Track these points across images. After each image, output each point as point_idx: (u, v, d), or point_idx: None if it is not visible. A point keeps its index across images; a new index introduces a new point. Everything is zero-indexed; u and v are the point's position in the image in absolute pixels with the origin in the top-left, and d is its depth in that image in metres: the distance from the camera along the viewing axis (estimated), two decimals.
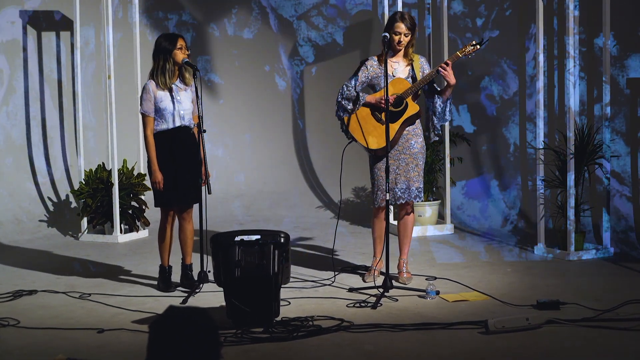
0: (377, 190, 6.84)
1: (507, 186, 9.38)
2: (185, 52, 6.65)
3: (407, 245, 6.99)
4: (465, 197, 9.57)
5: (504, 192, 9.39)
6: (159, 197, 6.74)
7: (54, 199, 9.37)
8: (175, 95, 6.65)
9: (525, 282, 6.87)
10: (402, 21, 6.73)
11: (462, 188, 9.60)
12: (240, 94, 10.51)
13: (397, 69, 6.80)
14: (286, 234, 5.85)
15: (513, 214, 9.21)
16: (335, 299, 6.41)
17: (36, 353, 5.31)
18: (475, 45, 6.71)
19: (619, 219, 8.39)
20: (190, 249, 6.91)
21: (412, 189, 6.82)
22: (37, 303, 6.42)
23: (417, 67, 6.81)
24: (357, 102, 6.78)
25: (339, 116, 6.86)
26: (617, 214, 8.39)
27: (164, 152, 6.67)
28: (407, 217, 6.95)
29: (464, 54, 6.72)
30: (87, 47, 9.46)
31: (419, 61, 6.84)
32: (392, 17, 6.80)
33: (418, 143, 6.85)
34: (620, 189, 8.51)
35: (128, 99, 9.16)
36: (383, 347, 5.32)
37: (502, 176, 9.45)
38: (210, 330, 3.04)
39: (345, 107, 6.81)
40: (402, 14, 6.81)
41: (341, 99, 6.81)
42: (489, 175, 9.54)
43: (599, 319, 5.72)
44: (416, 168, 6.83)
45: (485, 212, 9.36)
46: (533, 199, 8.57)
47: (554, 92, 8.91)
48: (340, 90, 6.82)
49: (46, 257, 8.07)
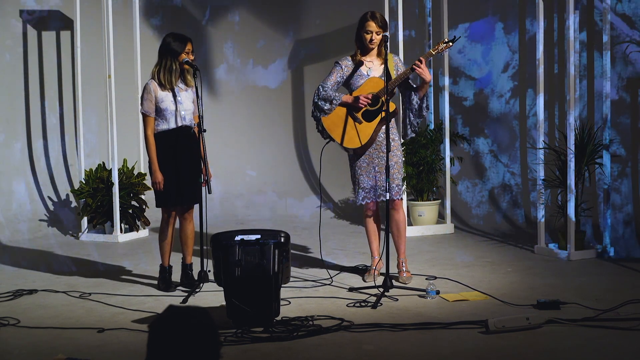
0: (358, 189, 6.89)
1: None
2: (190, 56, 6.67)
3: (403, 244, 6.99)
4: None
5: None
6: (160, 198, 6.74)
7: (54, 199, 9.37)
8: (176, 96, 6.65)
9: (525, 282, 6.87)
10: (373, 20, 6.77)
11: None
12: (240, 93, 10.50)
13: (371, 67, 6.85)
14: (286, 234, 5.85)
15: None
16: (335, 298, 6.41)
17: (36, 352, 5.31)
18: (447, 42, 6.77)
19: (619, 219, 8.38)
20: (190, 248, 6.91)
21: (392, 185, 6.83)
22: (37, 302, 6.42)
23: (391, 65, 6.82)
24: (333, 102, 6.82)
25: (316, 117, 6.93)
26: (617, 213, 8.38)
27: (165, 152, 6.67)
28: (397, 216, 6.95)
29: (436, 51, 6.78)
30: (87, 47, 9.45)
31: (392, 59, 6.86)
32: (363, 17, 6.84)
33: (395, 141, 6.87)
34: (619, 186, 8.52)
35: (128, 98, 9.16)
36: (383, 347, 5.32)
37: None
38: (210, 329, 3.04)
39: (322, 107, 6.86)
40: (373, 13, 6.84)
41: (317, 99, 6.87)
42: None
43: (599, 319, 5.72)
44: (395, 165, 6.85)
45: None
46: (533, 199, 8.57)
47: (554, 91, 8.91)
48: (317, 91, 6.88)
49: (46, 257, 8.08)
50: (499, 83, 9.46)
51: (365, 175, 6.87)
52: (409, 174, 8.76)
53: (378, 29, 6.75)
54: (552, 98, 8.91)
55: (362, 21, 6.82)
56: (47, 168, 9.46)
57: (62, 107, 9.55)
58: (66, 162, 9.56)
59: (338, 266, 7.44)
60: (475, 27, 9.59)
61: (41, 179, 9.38)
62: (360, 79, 6.83)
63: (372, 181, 6.87)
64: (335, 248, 8.18)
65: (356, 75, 6.84)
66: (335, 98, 6.82)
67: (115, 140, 8.81)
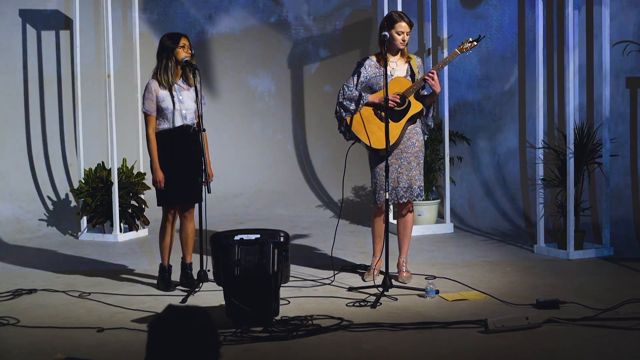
0: (379, 190, 6.84)
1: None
2: (189, 51, 6.64)
3: (407, 244, 7.00)
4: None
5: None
6: (161, 196, 6.74)
7: (54, 198, 9.37)
8: (177, 95, 6.65)
9: (525, 282, 6.87)
10: (402, 20, 6.73)
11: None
12: (240, 93, 10.50)
13: (395, 68, 6.81)
14: (286, 233, 5.85)
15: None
16: (334, 298, 6.41)
17: (36, 352, 5.30)
18: (472, 42, 6.76)
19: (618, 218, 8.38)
20: (190, 248, 6.91)
21: (414, 187, 6.82)
22: (37, 302, 6.42)
23: (414, 65, 6.82)
24: (359, 102, 6.77)
25: (340, 116, 6.84)
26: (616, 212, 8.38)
27: (166, 151, 6.67)
28: (407, 216, 6.96)
29: (462, 51, 6.76)
30: (87, 46, 9.45)
31: (415, 60, 6.85)
32: (391, 17, 6.77)
33: (419, 141, 6.86)
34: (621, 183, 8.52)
35: (128, 98, 9.16)
36: (382, 347, 5.32)
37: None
38: (210, 329, 3.04)
39: (347, 107, 6.80)
40: (399, 13, 6.82)
41: (342, 99, 6.80)
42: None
43: (599, 318, 5.72)
44: (417, 167, 6.84)
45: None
46: (533, 199, 8.57)
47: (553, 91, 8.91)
48: (341, 90, 6.81)
49: (46, 256, 8.07)
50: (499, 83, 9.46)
51: (388, 176, 6.74)
52: None
53: (409, 29, 6.73)
54: (552, 97, 8.91)
55: (391, 22, 6.73)
56: (47, 167, 9.46)
57: (62, 107, 9.55)
58: (65, 161, 9.56)
59: (346, 262, 7.45)
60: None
61: (40, 178, 9.38)
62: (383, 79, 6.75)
63: (395, 182, 6.84)
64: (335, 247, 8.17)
65: (379, 75, 6.79)
66: (363, 98, 6.78)
67: (114, 140, 8.81)
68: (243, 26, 10.46)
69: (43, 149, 9.44)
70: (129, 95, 9.08)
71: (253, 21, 10.46)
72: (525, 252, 7.94)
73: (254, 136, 10.53)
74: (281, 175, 10.42)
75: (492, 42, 9.47)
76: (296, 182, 10.38)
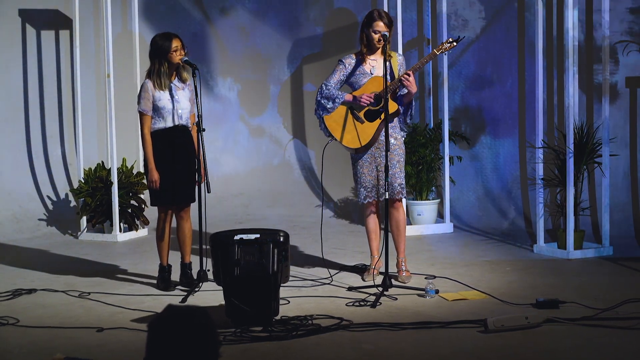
0: (360, 187, 6.90)
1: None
2: (182, 52, 6.61)
3: (403, 243, 6.99)
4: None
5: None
6: (155, 196, 6.74)
7: (53, 198, 9.37)
8: (173, 94, 6.64)
9: (524, 281, 6.87)
10: (380, 19, 6.74)
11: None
12: (239, 92, 10.50)
13: (375, 66, 6.83)
14: (285, 233, 5.85)
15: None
16: (334, 297, 6.41)
17: (35, 352, 5.30)
18: (452, 42, 6.75)
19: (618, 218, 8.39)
20: (188, 247, 6.91)
21: (394, 185, 6.83)
22: (37, 302, 6.42)
23: (395, 64, 6.81)
24: (336, 101, 6.80)
25: (319, 115, 6.91)
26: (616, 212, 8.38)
27: (161, 151, 6.66)
28: (398, 215, 6.95)
29: (440, 52, 6.76)
30: (87, 46, 9.45)
31: (396, 58, 6.84)
32: (370, 15, 6.78)
33: (398, 140, 6.86)
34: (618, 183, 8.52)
35: (127, 97, 9.15)
36: (382, 346, 5.32)
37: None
38: (210, 329, 3.04)
39: (324, 105, 6.85)
40: (379, 11, 6.81)
41: (320, 97, 6.85)
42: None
43: (598, 318, 5.72)
44: (397, 165, 6.85)
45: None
46: (533, 198, 8.57)
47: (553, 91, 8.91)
48: (320, 89, 6.86)
49: (45, 256, 8.07)
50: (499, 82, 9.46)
51: (367, 174, 6.86)
52: (408, 173, 8.76)
53: (386, 28, 6.73)
54: (552, 97, 8.91)
55: (370, 20, 6.76)
56: (46, 167, 9.46)
57: (61, 106, 9.55)
58: (65, 161, 9.56)
59: (339, 264, 7.44)
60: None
61: (40, 178, 9.38)
62: (364, 77, 6.81)
63: (374, 180, 6.87)
64: (335, 247, 8.18)
65: (359, 73, 6.82)
66: (338, 97, 6.80)
67: (114, 140, 8.81)
68: (244, 25, 10.45)
69: (42, 148, 9.44)
70: (129, 95, 9.08)
71: (254, 20, 10.45)
72: (525, 252, 7.94)
73: (253, 135, 10.52)
74: (280, 174, 10.41)
75: (494, 36, 9.48)
76: (296, 181, 10.38)
